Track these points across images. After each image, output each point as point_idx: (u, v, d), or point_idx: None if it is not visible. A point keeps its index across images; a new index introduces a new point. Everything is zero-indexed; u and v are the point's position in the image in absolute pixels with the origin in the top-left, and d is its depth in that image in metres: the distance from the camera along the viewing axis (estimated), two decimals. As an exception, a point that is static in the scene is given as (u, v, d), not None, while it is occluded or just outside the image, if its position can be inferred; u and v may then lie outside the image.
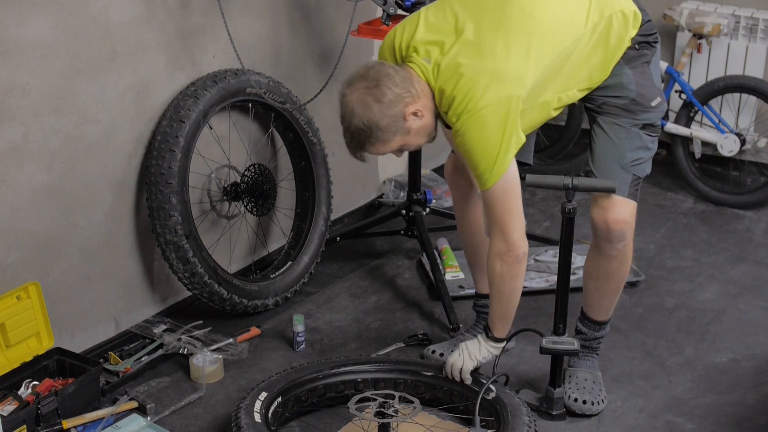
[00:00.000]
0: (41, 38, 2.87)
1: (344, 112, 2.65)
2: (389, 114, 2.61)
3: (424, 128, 2.70)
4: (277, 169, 3.77)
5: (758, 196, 4.39)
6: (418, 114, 2.65)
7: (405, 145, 2.70)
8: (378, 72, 2.63)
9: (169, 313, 3.48)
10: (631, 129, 2.80)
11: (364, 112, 2.60)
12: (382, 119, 2.60)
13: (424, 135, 2.72)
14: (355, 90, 2.63)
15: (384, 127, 2.61)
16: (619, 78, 2.78)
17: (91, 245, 3.17)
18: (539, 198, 4.51)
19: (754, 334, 3.44)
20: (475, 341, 2.92)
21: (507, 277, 2.77)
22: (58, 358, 3.02)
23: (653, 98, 2.81)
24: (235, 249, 3.66)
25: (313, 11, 3.78)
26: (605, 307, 3.06)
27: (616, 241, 2.86)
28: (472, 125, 2.60)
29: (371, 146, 2.65)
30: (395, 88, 2.61)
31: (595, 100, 2.83)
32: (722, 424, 2.96)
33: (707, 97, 4.45)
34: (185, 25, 3.30)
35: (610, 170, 2.82)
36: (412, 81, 2.64)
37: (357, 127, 2.61)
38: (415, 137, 2.69)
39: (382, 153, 2.70)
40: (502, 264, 2.75)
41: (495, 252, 2.76)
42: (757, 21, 4.45)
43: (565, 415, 2.97)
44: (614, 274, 2.97)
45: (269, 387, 2.84)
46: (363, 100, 2.60)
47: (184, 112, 3.22)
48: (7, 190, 2.88)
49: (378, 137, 2.63)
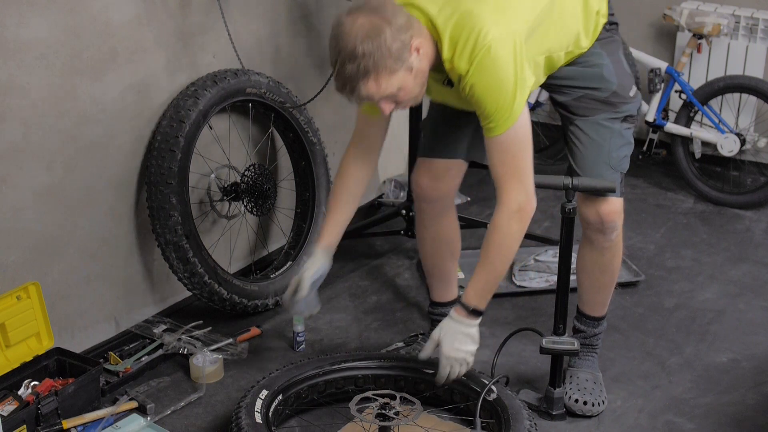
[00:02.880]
0: (41, 38, 2.87)
1: (345, 39, 2.41)
2: (400, 39, 2.41)
3: (421, 73, 2.51)
4: (277, 169, 3.77)
5: (758, 196, 4.39)
6: (420, 52, 2.47)
7: (403, 88, 2.48)
8: (382, 1, 2.45)
9: (169, 313, 3.48)
10: (614, 127, 2.79)
11: (374, 33, 2.38)
12: (394, 42, 2.40)
13: (419, 84, 2.52)
14: (357, 15, 2.42)
15: (395, 53, 2.40)
16: (599, 69, 2.77)
17: (91, 245, 3.17)
18: (539, 198, 4.44)
19: (754, 334, 3.44)
20: (450, 333, 2.69)
21: (518, 234, 2.62)
22: (58, 358, 3.02)
23: (630, 88, 2.82)
24: (235, 249, 3.66)
25: (313, 11, 3.78)
26: (601, 302, 3.06)
27: (609, 231, 2.86)
28: (485, 64, 2.45)
29: (376, 77, 2.42)
30: (402, 16, 2.44)
31: (570, 93, 2.79)
32: (722, 424, 2.96)
33: (707, 97, 4.45)
34: (185, 25, 3.30)
35: (600, 173, 2.81)
36: (414, 19, 2.48)
37: (365, 50, 2.38)
38: (413, 81, 2.49)
39: (381, 92, 2.46)
40: (519, 219, 2.59)
41: (513, 206, 2.58)
42: (757, 21, 4.45)
43: (565, 415, 2.97)
44: (608, 267, 2.97)
45: (270, 384, 2.82)
46: (372, 21, 2.39)
47: (184, 112, 3.22)
48: (8, 190, 2.88)
49: (386, 65, 2.41)
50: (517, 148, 2.57)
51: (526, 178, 2.59)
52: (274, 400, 2.80)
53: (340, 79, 2.46)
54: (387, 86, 2.45)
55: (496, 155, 2.58)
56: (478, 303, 2.69)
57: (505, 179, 2.58)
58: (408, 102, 2.56)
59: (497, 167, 2.59)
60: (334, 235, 2.92)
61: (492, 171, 2.62)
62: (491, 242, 2.64)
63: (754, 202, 4.40)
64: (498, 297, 3.67)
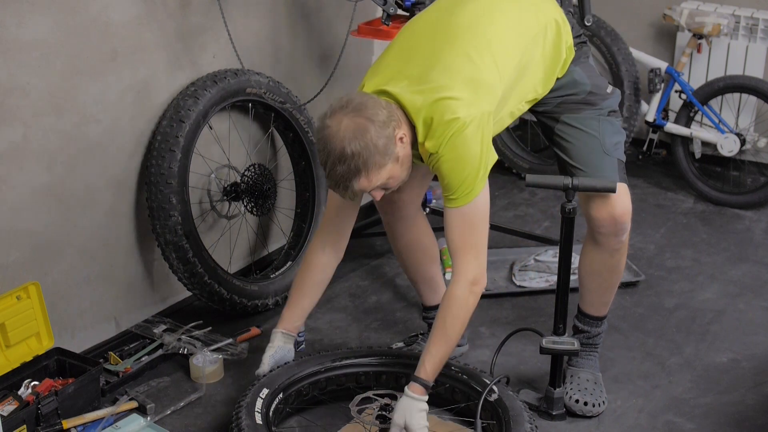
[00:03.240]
0: (41, 38, 2.87)
1: (333, 142, 2.48)
2: (384, 134, 2.49)
3: (407, 158, 2.59)
4: (277, 169, 3.77)
5: (758, 196, 4.39)
6: (404, 140, 2.55)
7: (392, 177, 2.57)
8: (360, 98, 2.52)
9: (169, 313, 3.48)
10: (600, 119, 2.82)
11: (360, 133, 2.46)
12: (379, 139, 2.48)
13: (405, 168, 2.60)
14: (341, 117, 2.49)
15: (381, 149, 2.48)
16: (570, 76, 2.80)
17: (91, 245, 3.17)
18: (539, 198, 4.51)
19: (754, 334, 3.44)
20: (415, 414, 2.63)
21: (472, 307, 2.67)
22: (58, 358, 3.02)
23: (605, 87, 2.85)
24: (235, 249, 3.66)
25: (313, 11, 3.78)
26: (605, 301, 3.06)
27: (621, 233, 2.86)
28: (454, 143, 2.52)
29: (366, 173, 2.49)
30: (383, 110, 2.51)
31: (549, 103, 2.82)
32: (722, 424, 2.96)
33: (707, 97, 4.45)
34: (185, 25, 3.30)
35: (597, 161, 2.81)
36: (392, 107, 2.55)
37: (353, 151, 2.46)
38: (400, 167, 2.58)
39: (372, 185, 2.54)
40: (475, 292, 2.64)
41: (467, 279, 2.63)
42: (757, 21, 4.45)
43: (565, 415, 2.97)
44: (617, 267, 2.96)
45: (270, 383, 2.81)
46: (355, 122, 2.47)
47: (184, 112, 3.22)
48: (7, 190, 2.88)
49: (375, 161, 2.49)
50: (476, 220, 2.62)
51: (481, 254, 2.65)
52: (275, 398, 2.79)
53: (332, 179, 2.53)
54: (377, 179, 2.54)
55: (455, 226, 2.63)
56: (434, 376, 2.69)
57: (462, 252, 2.64)
58: (397, 185, 2.64)
59: (455, 239, 2.64)
60: (295, 320, 2.95)
61: (448, 242, 2.67)
62: (449, 313, 2.65)
63: (754, 202, 4.40)
64: (498, 297, 3.68)
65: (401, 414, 2.65)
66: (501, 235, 4.08)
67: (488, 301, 3.62)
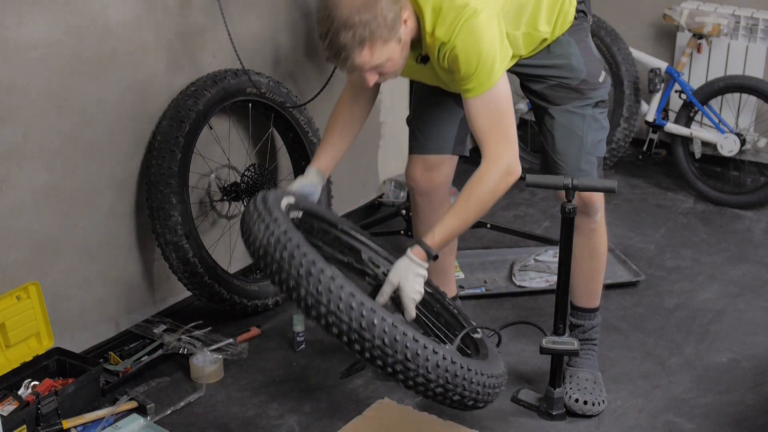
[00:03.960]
0: (41, 38, 2.87)
1: (340, 7, 2.40)
2: (393, 9, 2.43)
3: (406, 46, 2.53)
4: (277, 169, 3.77)
5: (758, 196, 4.39)
6: (407, 24, 2.50)
7: (390, 59, 2.49)
8: None
9: (169, 313, 3.48)
10: (586, 113, 2.84)
11: (370, 3, 2.39)
12: (389, 12, 2.41)
13: (403, 57, 2.53)
14: None
15: (390, 23, 2.42)
16: (568, 59, 2.82)
17: (91, 245, 3.17)
18: (539, 198, 4.51)
19: (754, 334, 3.44)
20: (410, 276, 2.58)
21: (501, 193, 2.57)
22: (58, 358, 3.02)
23: (599, 74, 2.87)
24: (235, 249, 3.66)
25: (313, 11, 3.78)
26: (594, 290, 3.09)
27: (593, 213, 2.94)
28: (469, 27, 2.46)
29: (371, 45, 2.42)
30: None
31: (546, 81, 2.83)
32: (722, 424, 2.96)
33: (707, 97, 4.45)
34: (185, 25, 3.30)
35: (576, 159, 2.87)
36: None
37: (362, 19, 2.38)
38: (400, 53, 2.51)
39: (372, 62, 2.46)
40: (507, 181, 2.55)
41: (502, 166, 2.54)
42: (757, 21, 4.45)
43: (565, 415, 2.97)
44: (596, 250, 3.02)
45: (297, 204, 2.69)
46: None
47: (184, 112, 3.22)
48: (7, 190, 2.88)
49: (381, 34, 2.41)
50: (502, 106, 2.54)
51: (513, 143, 2.56)
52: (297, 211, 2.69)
53: (333, 48, 2.44)
54: (379, 56, 2.46)
55: (479, 115, 2.55)
56: (439, 248, 2.61)
57: (493, 138, 2.54)
58: (390, 75, 2.56)
59: (483, 127, 2.55)
60: (328, 160, 2.88)
61: (476, 133, 2.58)
62: (474, 193, 2.57)
63: (754, 202, 4.40)
64: (498, 297, 3.68)
65: (396, 273, 2.58)
66: (501, 235, 4.08)
67: (488, 301, 3.63)
